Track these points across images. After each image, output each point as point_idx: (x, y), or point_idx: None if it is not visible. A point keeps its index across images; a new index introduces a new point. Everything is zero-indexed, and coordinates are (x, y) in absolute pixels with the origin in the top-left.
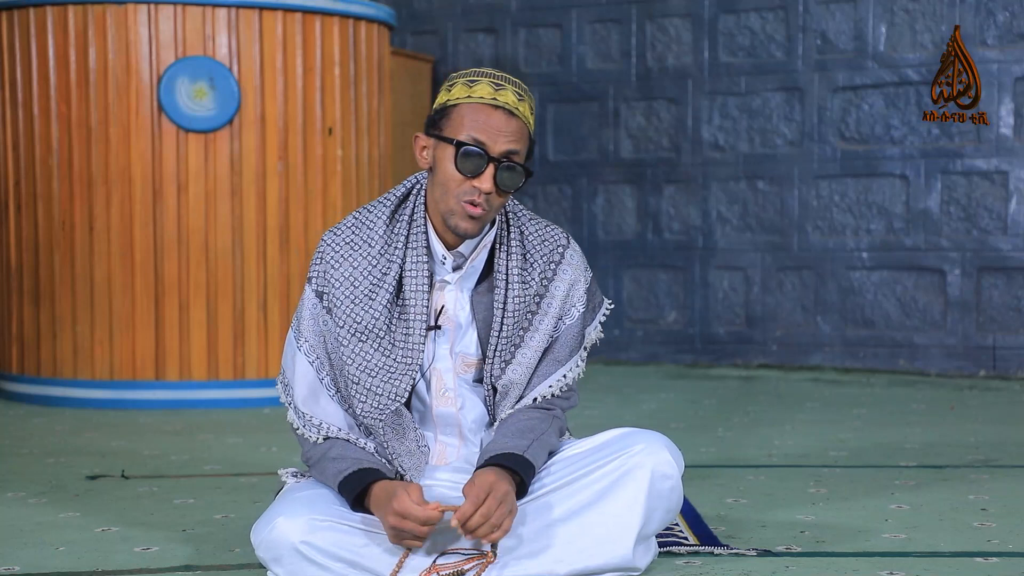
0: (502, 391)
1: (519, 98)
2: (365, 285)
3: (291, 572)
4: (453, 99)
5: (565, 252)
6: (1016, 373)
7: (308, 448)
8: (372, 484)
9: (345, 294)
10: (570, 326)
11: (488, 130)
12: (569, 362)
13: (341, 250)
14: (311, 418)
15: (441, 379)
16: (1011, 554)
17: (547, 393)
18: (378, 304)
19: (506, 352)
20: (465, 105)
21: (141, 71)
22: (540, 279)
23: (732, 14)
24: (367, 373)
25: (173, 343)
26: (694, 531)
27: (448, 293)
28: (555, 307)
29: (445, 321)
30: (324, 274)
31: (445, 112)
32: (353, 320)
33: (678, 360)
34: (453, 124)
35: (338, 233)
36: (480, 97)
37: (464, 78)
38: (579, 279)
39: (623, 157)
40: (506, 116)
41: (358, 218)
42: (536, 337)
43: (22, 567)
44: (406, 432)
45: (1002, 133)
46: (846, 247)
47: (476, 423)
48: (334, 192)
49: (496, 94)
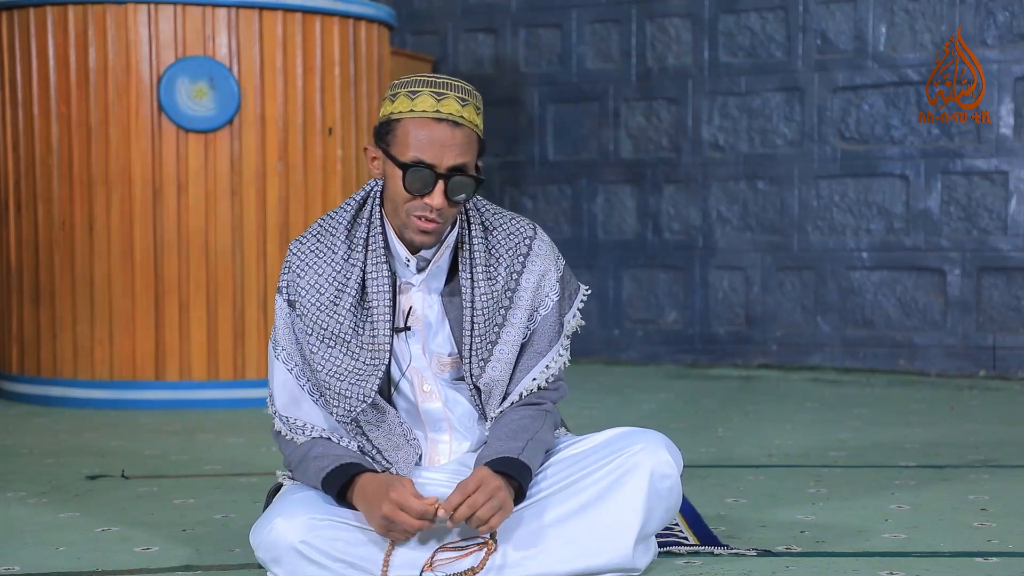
0: (485, 390)
1: (462, 103)
2: (330, 291)
3: (291, 572)
4: (396, 113)
5: (532, 243)
6: (1016, 373)
7: (289, 451)
8: (356, 477)
9: (311, 301)
10: (546, 316)
11: (433, 146)
12: (550, 352)
13: (306, 258)
14: (295, 421)
15: (421, 377)
16: (1011, 554)
17: (532, 387)
18: (342, 308)
19: (483, 350)
20: (408, 120)
21: (141, 71)
22: (508, 273)
23: (732, 14)
24: (336, 377)
25: (173, 343)
26: (694, 531)
27: (415, 294)
28: (527, 299)
29: (414, 322)
30: (292, 283)
31: (389, 127)
32: (320, 326)
33: (678, 360)
34: (399, 141)
35: (303, 242)
36: (423, 111)
37: (405, 88)
38: (549, 268)
39: (623, 157)
40: (451, 128)
41: (322, 225)
42: (511, 332)
43: (22, 567)
44: (391, 427)
45: (1002, 133)
46: (846, 247)
47: (464, 417)
48: (334, 192)
49: (439, 105)
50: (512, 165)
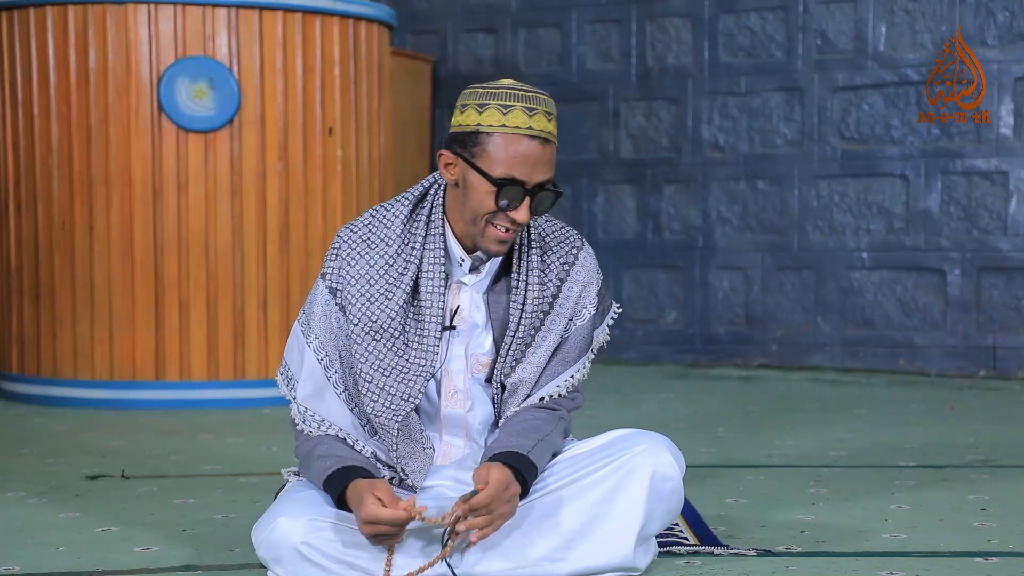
0: (510, 389)
1: (549, 118)
2: (381, 284)
3: (291, 572)
4: (486, 126)
5: (579, 254)
6: (1016, 373)
7: (301, 442)
8: (352, 482)
9: (360, 292)
10: (580, 327)
11: (526, 164)
12: (577, 363)
13: (358, 247)
14: (313, 415)
15: (452, 380)
16: (1011, 554)
17: (554, 393)
18: (394, 304)
19: (518, 351)
20: (500, 135)
21: (141, 71)
22: (556, 280)
23: (732, 14)
24: (380, 372)
25: (173, 343)
26: (694, 531)
27: (464, 294)
28: (568, 308)
29: (460, 322)
30: (339, 270)
31: (477, 139)
32: (368, 318)
33: (678, 360)
34: (489, 155)
35: (355, 230)
36: (516, 127)
37: (496, 101)
38: (592, 281)
39: (623, 157)
40: (541, 145)
41: (375, 216)
42: (548, 337)
43: (22, 567)
44: (413, 434)
45: (1002, 133)
46: (846, 247)
47: (483, 424)
48: (334, 192)
49: (531, 121)
50: None
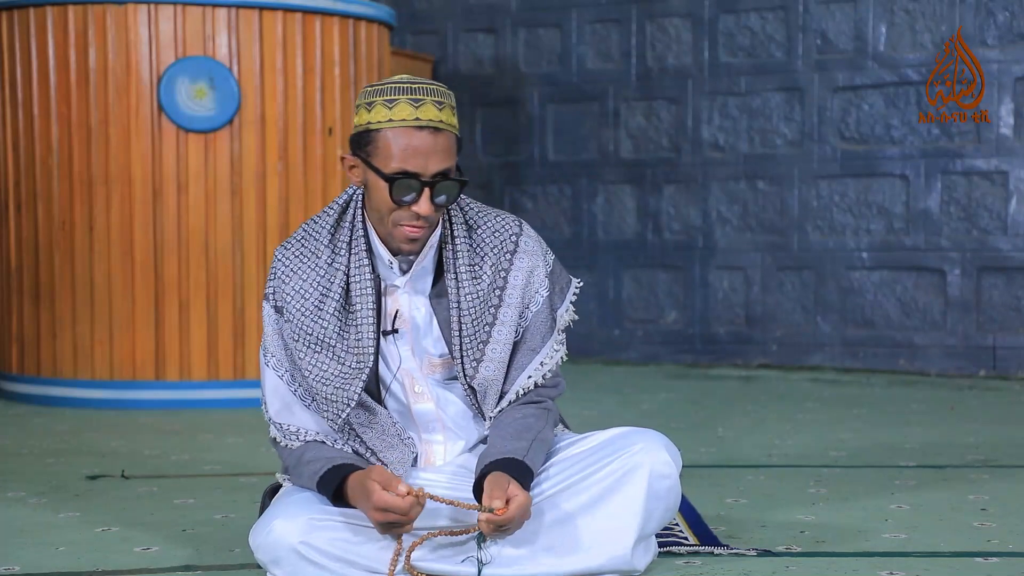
0: (480, 389)
1: (439, 107)
2: (314, 296)
3: (290, 573)
4: (375, 123)
5: (519, 240)
6: (1016, 373)
7: (285, 457)
8: (347, 478)
9: (297, 307)
10: (537, 312)
11: (418, 155)
12: (544, 348)
13: (291, 264)
14: (288, 427)
15: (412, 379)
16: (1011, 554)
17: (528, 384)
18: (327, 313)
19: (474, 350)
20: (388, 130)
21: (141, 71)
22: (494, 271)
23: (732, 14)
24: (322, 382)
25: (173, 343)
26: (694, 531)
27: (401, 296)
28: (516, 297)
29: (401, 324)
30: (277, 289)
31: (369, 137)
32: (306, 331)
33: (678, 360)
34: (380, 152)
35: (288, 247)
36: (402, 120)
37: (381, 97)
38: (537, 264)
39: (623, 157)
40: (432, 134)
41: (306, 230)
42: (503, 331)
43: (22, 567)
44: (384, 427)
45: (1002, 133)
46: (846, 247)
47: (458, 417)
48: (334, 192)
49: (418, 112)
50: (512, 165)
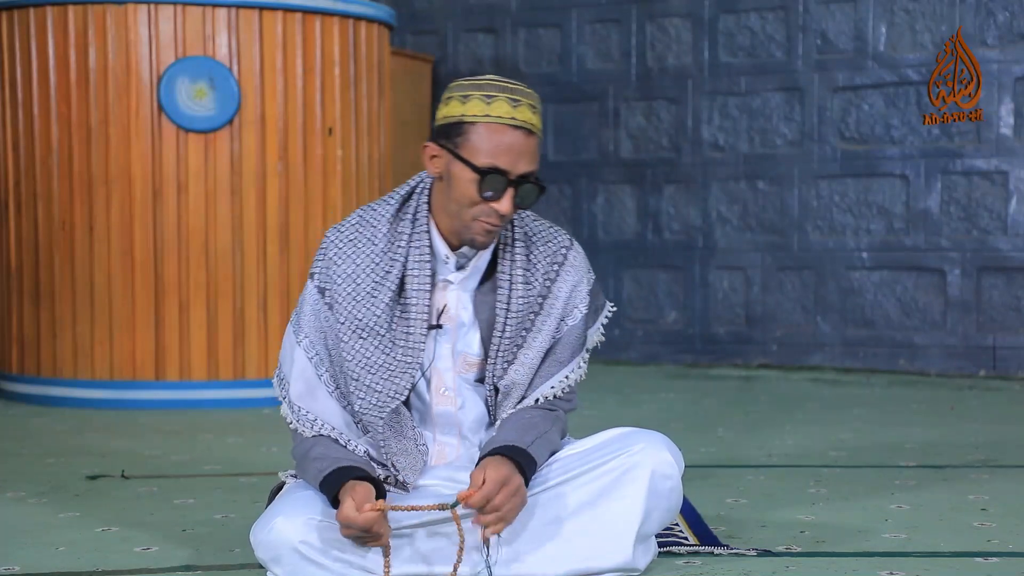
0: (504, 391)
1: (534, 111)
2: (368, 283)
3: (290, 572)
4: (470, 116)
5: (568, 254)
6: (1016, 373)
7: (297, 443)
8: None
9: (347, 291)
10: (572, 327)
11: (510, 153)
12: (571, 363)
13: (344, 247)
14: (306, 413)
15: (441, 378)
16: (1011, 554)
17: (549, 394)
18: (380, 302)
19: (508, 352)
20: (483, 125)
21: (141, 71)
22: (543, 280)
23: (732, 14)
24: (367, 370)
25: (173, 343)
26: (694, 531)
27: (451, 292)
28: (558, 308)
29: (447, 320)
30: (327, 270)
31: (461, 129)
32: (354, 317)
33: (678, 360)
34: (472, 145)
35: (342, 230)
36: (499, 117)
37: (480, 91)
38: (582, 281)
39: (623, 157)
40: (524, 136)
41: (363, 216)
42: (539, 338)
43: (22, 567)
44: (404, 431)
45: (1002, 133)
46: (846, 247)
47: (476, 423)
48: (334, 192)
49: (515, 112)
50: None
